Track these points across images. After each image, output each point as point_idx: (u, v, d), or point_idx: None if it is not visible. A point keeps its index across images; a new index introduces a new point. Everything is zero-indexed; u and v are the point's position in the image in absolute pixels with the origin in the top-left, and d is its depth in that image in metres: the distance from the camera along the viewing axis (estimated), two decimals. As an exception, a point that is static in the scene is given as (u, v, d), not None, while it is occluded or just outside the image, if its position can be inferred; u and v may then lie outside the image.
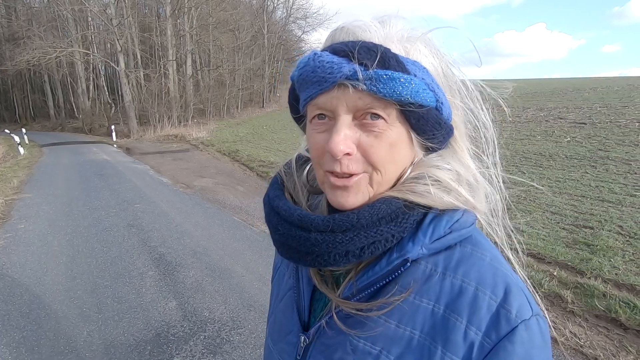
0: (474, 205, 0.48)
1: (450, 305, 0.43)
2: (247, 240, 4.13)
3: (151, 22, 23.61)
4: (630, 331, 2.37)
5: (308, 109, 0.47)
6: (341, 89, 0.42)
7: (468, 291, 0.43)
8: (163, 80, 21.67)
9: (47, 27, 24.36)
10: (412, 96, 0.42)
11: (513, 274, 0.46)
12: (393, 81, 0.41)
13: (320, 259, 0.45)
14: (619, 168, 5.88)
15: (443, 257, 0.46)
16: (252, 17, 28.31)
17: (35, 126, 28.67)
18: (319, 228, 0.44)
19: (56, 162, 10.41)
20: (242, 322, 2.62)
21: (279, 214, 0.49)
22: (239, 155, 10.14)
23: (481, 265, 0.45)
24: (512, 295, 0.42)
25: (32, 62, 18.06)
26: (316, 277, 0.52)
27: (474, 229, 0.48)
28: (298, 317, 0.53)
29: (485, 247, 0.47)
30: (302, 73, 0.45)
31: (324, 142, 0.45)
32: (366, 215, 0.44)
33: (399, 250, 0.45)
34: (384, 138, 0.44)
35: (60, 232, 4.47)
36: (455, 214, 0.46)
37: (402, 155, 0.46)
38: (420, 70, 0.44)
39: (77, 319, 2.67)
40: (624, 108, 10.34)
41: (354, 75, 0.41)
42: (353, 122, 0.44)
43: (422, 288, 0.45)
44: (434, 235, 0.45)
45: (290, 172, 0.57)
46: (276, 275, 0.65)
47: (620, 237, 3.56)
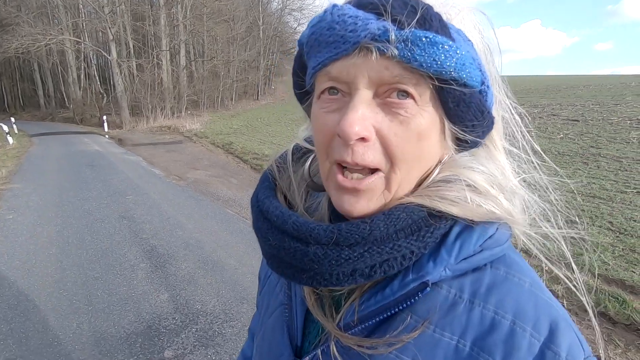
0: (514, 217, 0.38)
1: (479, 341, 0.35)
2: (241, 233, 4.10)
3: (144, 10, 23.16)
4: (618, 325, 2.40)
5: (317, 80, 0.38)
6: (364, 54, 0.33)
7: (503, 325, 0.34)
8: (156, 70, 21.34)
9: (37, 13, 23.78)
10: (456, 69, 0.33)
11: (558, 304, 0.37)
12: (434, 47, 0.32)
13: (320, 277, 0.37)
14: (610, 165, 5.95)
15: (470, 281, 0.37)
16: (247, 8, 27.92)
17: (24, 115, 28.16)
18: (320, 240, 0.36)
19: (46, 153, 10.23)
20: (235, 314, 2.61)
21: (270, 220, 0.40)
22: (233, 148, 10.06)
23: (519, 293, 0.36)
24: (560, 332, 0.34)
25: (21, 50, 17.65)
26: (310, 296, 0.43)
27: (508, 247, 0.39)
28: (289, 340, 0.45)
29: (524, 270, 0.38)
30: (314, 31, 0.35)
31: (334, 123, 0.36)
32: (381, 226, 0.35)
33: (417, 271, 0.36)
34: (412, 125, 0.34)
35: (50, 223, 4.40)
36: (490, 228, 0.37)
37: (431, 150, 0.37)
38: (465, 41, 0.35)
39: (67, 311, 2.64)
40: (616, 106, 10.44)
41: (384, 35, 0.32)
42: (374, 100, 0.35)
43: (444, 318, 0.36)
44: (462, 253, 0.36)
45: (285, 167, 0.47)
46: (266, 286, 0.55)
47: (610, 233, 3.61)
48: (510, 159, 0.43)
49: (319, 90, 0.38)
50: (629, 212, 4.09)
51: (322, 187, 0.43)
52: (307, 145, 0.49)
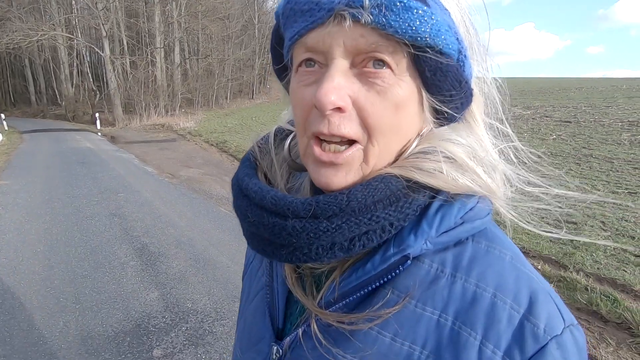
0: (493, 189, 0.38)
1: (461, 315, 0.35)
2: (233, 232, 4.06)
3: (138, 7, 22.95)
4: (610, 324, 2.41)
5: (294, 53, 0.37)
6: (338, 22, 0.33)
7: (484, 298, 0.35)
8: (150, 68, 21.15)
9: (29, 9, 23.42)
10: (431, 36, 0.32)
11: (539, 276, 0.37)
12: (408, 12, 0.31)
13: (299, 252, 0.36)
14: (602, 166, 6.01)
15: (452, 255, 0.37)
16: (242, 6, 27.81)
17: (15, 112, 27.70)
18: (298, 213, 0.35)
19: (36, 149, 10.07)
20: (226, 313, 2.57)
21: (249, 197, 0.39)
22: (227, 146, 9.99)
23: (500, 266, 0.36)
24: (539, 303, 0.34)
25: (11, 45, 17.37)
26: (291, 275, 0.42)
27: (489, 221, 0.39)
28: (271, 322, 0.44)
29: (505, 244, 0.38)
30: (288, 2, 0.35)
31: (310, 96, 0.35)
32: (359, 196, 0.34)
33: (398, 244, 0.36)
34: (389, 95, 0.34)
35: (39, 221, 4.32)
36: (470, 200, 0.37)
37: (408, 121, 0.37)
38: (442, 10, 0.34)
39: (53, 309, 2.58)
40: (608, 108, 10.58)
41: (358, 1, 0.31)
42: (351, 70, 0.34)
43: (425, 293, 0.36)
44: (442, 226, 0.36)
45: (267, 148, 0.47)
46: (248, 271, 0.55)
47: (602, 233, 3.63)
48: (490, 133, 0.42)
49: (296, 63, 0.37)
50: (620, 212, 4.12)
51: (302, 167, 0.43)
52: (289, 127, 0.49)
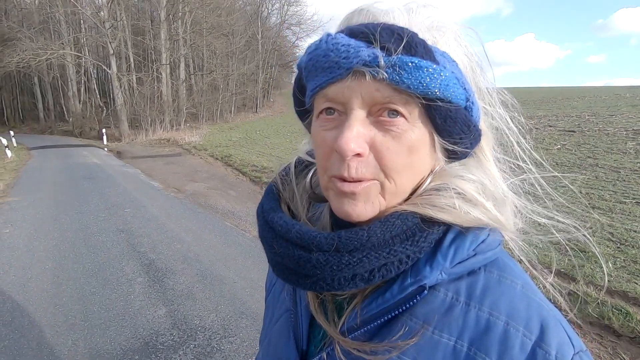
0: (503, 223, 0.41)
1: (476, 342, 0.37)
2: (239, 246, 4.06)
3: (145, 25, 23.53)
4: (623, 338, 2.37)
5: (315, 101, 0.41)
6: (357, 78, 0.36)
7: (497, 326, 0.37)
8: (156, 84, 21.53)
9: (39, 29, 24.08)
10: (440, 90, 0.36)
11: (549, 304, 0.39)
12: (419, 70, 0.35)
13: (323, 282, 0.39)
14: (608, 175, 5.97)
15: (466, 284, 0.40)
16: (246, 23, 28.39)
17: (23, 129, 28.21)
18: (322, 247, 0.38)
19: (44, 165, 10.21)
20: (234, 330, 2.56)
21: (274, 230, 0.43)
22: (232, 160, 10.06)
23: (512, 294, 0.38)
24: (550, 331, 0.36)
25: (21, 64, 17.80)
26: (314, 301, 0.45)
27: (501, 251, 0.42)
28: (295, 344, 0.47)
29: (516, 273, 0.41)
30: (311, 57, 0.39)
31: (332, 140, 0.38)
32: (378, 232, 0.37)
33: (415, 275, 0.39)
34: (403, 140, 0.37)
35: (47, 237, 4.36)
36: (481, 233, 0.40)
37: (421, 162, 0.40)
38: (450, 62, 0.38)
39: (62, 327, 2.58)
40: (612, 117, 10.55)
41: (374, 61, 0.35)
42: (368, 119, 0.38)
43: (442, 320, 0.38)
44: (456, 258, 0.39)
45: (289, 179, 0.50)
46: (271, 294, 0.58)
47: (611, 244, 3.59)
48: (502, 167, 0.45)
49: (318, 110, 0.41)
50: (629, 222, 4.08)
51: (323, 198, 0.47)
52: (308, 158, 0.53)
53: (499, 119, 0.45)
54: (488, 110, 0.44)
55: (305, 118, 0.48)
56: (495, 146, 0.45)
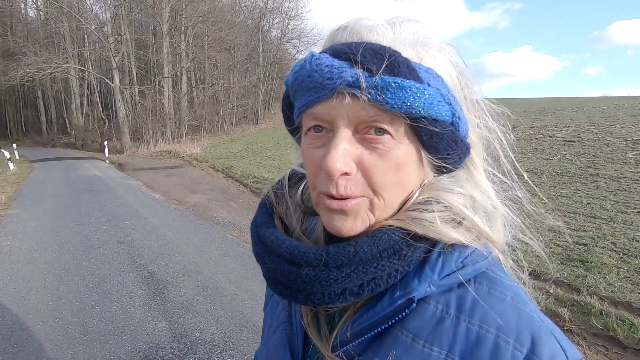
0: (491, 237, 0.41)
1: (467, 355, 0.36)
2: (240, 258, 4.05)
3: (147, 39, 23.90)
4: (629, 350, 2.34)
5: (303, 118, 0.41)
6: (341, 98, 0.36)
7: (487, 340, 0.36)
8: (158, 96, 21.75)
9: (43, 43, 24.48)
10: (424, 109, 0.36)
11: (541, 315, 0.39)
12: (403, 90, 0.35)
13: (314, 297, 0.39)
14: (609, 185, 5.96)
15: (456, 297, 0.39)
16: (247, 37, 28.81)
17: (26, 142, 28.38)
18: (310, 262, 0.39)
19: (46, 178, 10.25)
20: (235, 343, 2.54)
21: (266, 245, 0.43)
22: (233, 172, 10.09)
23: (502, 307, 0.38)
24: (541, 343, 0.35)
25: (25, 78, 18.05)
26: (307, 314, 0.46)
27: (491, 262, 0.41)
28: (290, 356, 0.47)
29: (505, 284, 0.40)
30: (297, 77, 0.39)
31: (320, 158, 0.39)
32: (365, 247, 0.38)
33: (404, 288, 0.39)
34: (389, 157, 0.38)
35: (47, 250, 4.35)
36: (470, 245, 0.40)
37: (409, 177, 0.40)
38: (435, 78, 0.38)
39: (62, 341, 2.56)
40: (611, 127, 10.59)
41: (357, 82, 0.35)
42: (354, 137, 0.38)
43: (432, 333, 0.38)
44: (444, 270, 0.39)
45: (282, 192, 0.51)
46: (269, 304, 0.59)
47: (614, 254, 3.57)
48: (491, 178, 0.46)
49: (306, 127, 0.41)
50: (631, 232, 4.06)
51: (315, 211, 0.46)
52: (302, 170, 0.52)
53: (487, 131, 0.45)
54: (476, 121, 0.44)
55: (296, 133, 0.49)
56: (486, 157, 0.46)
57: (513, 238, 0.45)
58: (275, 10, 31.56)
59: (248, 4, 32.00)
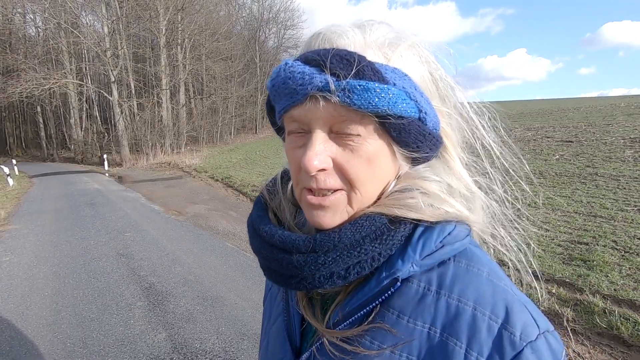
0: (467, 216, 0.44)
1: (448, 327, 0.39)
2: (241, 267, 4.03)
3: (145, 52, 24.09)
4: (633, 348, 2.31)
5: (285, 121, 0.45)
6: (314, 102, 0.39)
7: (466, 312, 0.39)
8: (156, 108, 21.86)
9: (42, 59, 24.68)
10: (389, 107, 0.39)
11: (515, 289, 0.42)
12: (368, 92, 0.38)
13: (305, 281, 0.43)
14: (609, 184, 5.96)
15: (437, 275, 0.42)
16: (244, 47, 29.08)
17: (26, 157, 28.45)
18: (300, 249, 0.42)
19: (45, 193, 10.24)
20: (235, 352, 2.51)
21: (261, 236, 0.47)
22: (232, 181, 10.09)
23: (478, 282, 0.41)
24: (514, 314, 0.38)
25: (25, 94, 18.14)
26: (302, 300, 0.49)
27: (469, 241, 0.45)
28: (289, 343, 0.50)
29: (482, 261, 0.43)
30: (274, 84, 0.42)
31: (300, 157, 0.42)
32: (348, 234, 0.41)
33: (389, 269, 0.42)
34: (361, 152, 0.41)
35: (47, 264, 4.33)
36: (447, 226, 0.43)
37: (382, 170, 0.43)
38: (401, 78, 0.41)
39: (61, 355, 2.54)
40: (608, 126, 10.63)
41: (326, 86, 0.38)
42: (329, 136, 0.41)
43: (416, 309, 0.41)
44: (425, 250, 0.41)
45: (276, 190, 0.54)
46: (268, 296, 0.62)
47: (615, 252, 3.55)
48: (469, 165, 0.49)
49: (288, 129, 0.45)
50: (632, 230, 4.05)
51: None
52: None
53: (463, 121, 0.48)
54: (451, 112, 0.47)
55: (281, 133, 0.52)
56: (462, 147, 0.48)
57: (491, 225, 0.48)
58: (272, 20, 31.94)
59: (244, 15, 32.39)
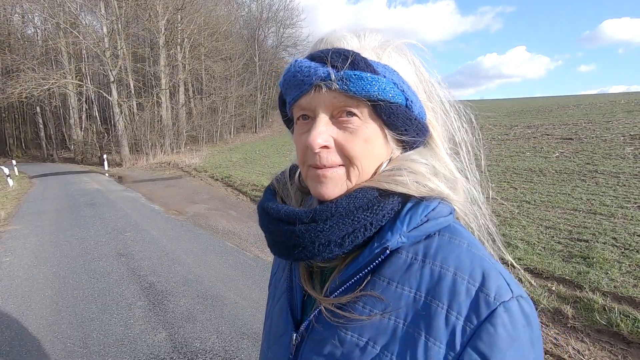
0: (449, 194, 0.50)
1: (431, 291, 0.44)
2: (241, 266, 4.03)
3: (144, 52, 24.06)
4: (633, 345, 2.31)
5: (294, 111, 0.52)
6: (318, 90, 0.47)
7: (447, 277, 0.44)
8: (156, 108, 21.84)
9: (41, 60, 24.63)
10: (380, 93, 0.46)
11: (491, 258, 0.47)
12: (361, 80, 0.46)
13: (306, 250, 0.48)
14: (608, 181, 5.96)
15: (423, 246, 0.47)
16: (243, 46, 29.02)
17: (26, 157, 28.46)
18: (302, 220, 0.48)
19: (46, 193, 10.24)
20: (235, 351, 2.51)
21: (269, 214, 0.53)
22: (232, 180, 10.09)
23: (459, 251, 0.46)
24: (490, 278, 0.43)
25: (24, 94, 18.13)
26: (304, 274, 0.54)
27: (453, 219, 0.50)
28: (292, 317, 0.55)
29: (463, 235, 0.48)
30: (286, 78, 0.50)
31: (306, 139, 0.49)
32: (344, 204, 0.47)
33: (380, 240, 0.47)
34: (359, 134, 0.48)
35: (47, 264, 4.33)
36: (432, 203, 0.48)
37: (377, 150, 0.50)
38: (390, 72, 0.48)
39: (61, 355, 2.54)
40: (608, 123, 10.61)
41: (328, 76, 0.46)
42: (331, 120, 0.49)
43: (403, 276, 0.46)
44: (411, 223, 0.47)
45: (284, 180, 0.61)
46: (273, 280, 0.67)
47: (615, 249, 3.55)
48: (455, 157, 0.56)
49: (296, 117, 0.53)
50: (631, 227, 4.04)
51: (308, 191, 0.57)
52: None
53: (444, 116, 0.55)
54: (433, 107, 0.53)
55: (291, 126, 0.59)
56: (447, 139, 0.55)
57: None
58: (271, 19, 31.89)
59: (243, 14, 32.35)
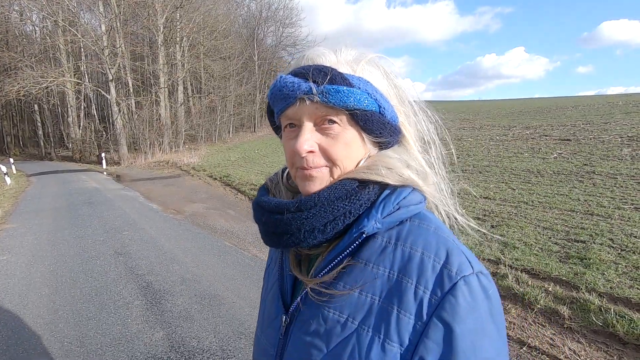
0: (421, 187, 0.56)
1: (402, 270, 0.50)
2: (239, 266, 4.03)
3: (143, 50, 23.98)
4: (629, 345, 2.32)
5: (281, 120, 0.59)
6: (302, 102, 0.54)
7: (416, 256, 0.51)
8: (154, 107, 21.78)
9: (39, 57, 24.53)
10: (356, 103, 0.53)
11: (455, 240, 0.53)
12: (339, 93, 0.52)
13: (293, 237, 0.54)
14: (606, 182, 5.98)
15: (396, 231, 0.54)
16: (242, 45, 28.95)
17: (23, 155, 28.35)
18: (290, 209, 0.55)
19: (43, 192, 10.21)
20: (233, 351, 2.51)
21: (262, 207, 0.59)
22: (230, 180, 10.08)
23: (427, 234, 0.53)
24: (453, 256, 0.50)
25: (22, 92, 18.05)
26: (292, 261, 0.60)
27: (423, 208, 0.57)
28: (282, 301, 0.61)
29: (431, 220, 0.55)
30: (273, 92, 0.57)
31: (294, 144, 0.55)
32: (325, 194, 0.54)
33: (357, 226, 0.53)
34: (339, 139, 0.55)
35: (44, 263, 4.32)
36: (404, 191, 0.55)
37: (356, 151, 0.57)
38: (364, 83, 0.55)
39: (57, 354, 2.53)
40: (606, 124, 10.65)
41: (310, 91, 0.53)
42: (315, 128, 0.55)
43: (378, 258, 0.53)
44: (385, 210, 0.53)
45: (277, 180, 0.68)
46: (267, 272, 0.75)
47: (612, 250, 3.57)
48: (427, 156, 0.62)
49: (283, 125, 0.59)
50: (628, 228, 4.06)
51: (298, 190, 0.63)
52: None
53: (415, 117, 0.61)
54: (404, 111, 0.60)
55: (279, 132, 0.66)
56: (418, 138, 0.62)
57: None
58: (270, 18, 31.80)
59: (242, 13, 32.29)
